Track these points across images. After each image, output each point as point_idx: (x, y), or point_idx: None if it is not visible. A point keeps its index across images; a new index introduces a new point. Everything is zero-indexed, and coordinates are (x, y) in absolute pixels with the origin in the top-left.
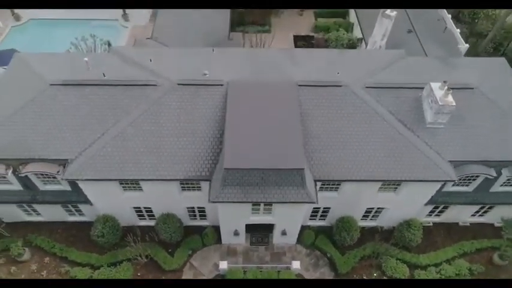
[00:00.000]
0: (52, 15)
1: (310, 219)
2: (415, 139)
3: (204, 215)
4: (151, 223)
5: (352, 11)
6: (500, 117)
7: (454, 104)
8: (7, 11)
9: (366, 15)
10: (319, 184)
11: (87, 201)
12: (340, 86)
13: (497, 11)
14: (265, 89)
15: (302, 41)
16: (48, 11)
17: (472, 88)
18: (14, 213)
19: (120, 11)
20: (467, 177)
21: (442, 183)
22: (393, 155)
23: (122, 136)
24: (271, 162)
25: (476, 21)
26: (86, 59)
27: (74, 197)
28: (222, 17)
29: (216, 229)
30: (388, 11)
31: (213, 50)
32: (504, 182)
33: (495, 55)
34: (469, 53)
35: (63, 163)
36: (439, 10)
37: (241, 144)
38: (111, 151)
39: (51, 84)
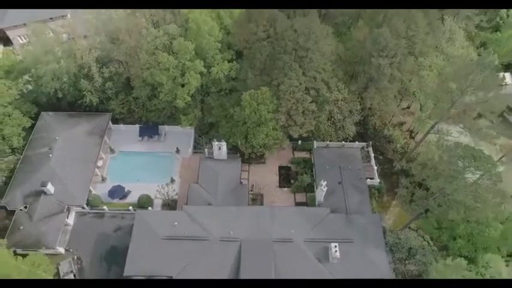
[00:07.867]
0: (132, 148)
1: None
2: (323, 269)
3: None
4: None
5: (313, 154)
6: (364, 259)
7: (339, 256)
8: (107, 148)
9: (320, 164)
10: None
11: None
12: (292, 241)
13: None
14: (257, 244)
15: (284, 170)
16: (130, 146)
17: (352, 242)
18: None
19: (175, 148)
20: None
21: None
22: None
23: (193, 268)
24: None
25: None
26: (176, 223)
27: None
28: (236, 165)
29: None
30: (322, 187)
31: (235, 209)
32: None
33: (408, 171)
34: (384, 175)
35: (169, 277)
36: (361, 159)
37: None
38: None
39: (162, 238)
